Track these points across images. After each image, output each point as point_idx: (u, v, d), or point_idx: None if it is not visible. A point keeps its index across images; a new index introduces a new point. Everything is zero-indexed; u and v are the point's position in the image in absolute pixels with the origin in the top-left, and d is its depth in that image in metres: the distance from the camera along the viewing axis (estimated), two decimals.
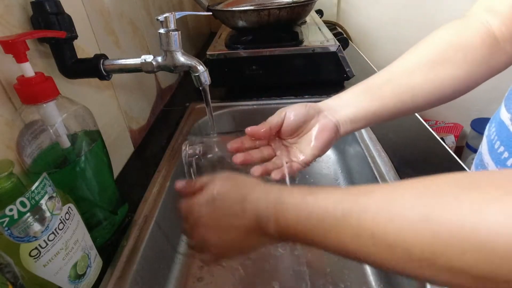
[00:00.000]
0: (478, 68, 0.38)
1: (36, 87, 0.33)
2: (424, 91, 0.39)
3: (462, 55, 0.38)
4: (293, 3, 0.74)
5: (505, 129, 0.31)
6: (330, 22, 1.34)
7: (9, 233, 0.26)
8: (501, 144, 0.31)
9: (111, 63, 0.44)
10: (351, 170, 0.66)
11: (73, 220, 0.33)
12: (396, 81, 0.40)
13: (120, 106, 0.58)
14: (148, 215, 0.47)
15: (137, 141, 0.65)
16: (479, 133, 1.53)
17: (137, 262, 0.41)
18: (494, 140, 0.32)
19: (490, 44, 0.37)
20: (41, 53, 0.40)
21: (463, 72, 0.38)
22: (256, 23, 0.74)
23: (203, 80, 0.44)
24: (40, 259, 0.29)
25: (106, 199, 0.42)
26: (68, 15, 0.40)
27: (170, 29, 0.40)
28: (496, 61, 0.38)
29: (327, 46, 0.74)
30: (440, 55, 0.39)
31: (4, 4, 0.35)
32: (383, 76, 0.41)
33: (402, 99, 0.39)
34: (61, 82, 0.43)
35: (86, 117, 0.39)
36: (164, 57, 0.43)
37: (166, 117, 0.76)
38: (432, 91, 0.39)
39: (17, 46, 0.31)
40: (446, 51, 0.39)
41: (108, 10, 0.56)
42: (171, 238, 0.53)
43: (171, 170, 0.56)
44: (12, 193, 0.28)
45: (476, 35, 0.37)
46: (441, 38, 0.40)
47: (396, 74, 0.41)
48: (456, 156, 0.54)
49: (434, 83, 0.39)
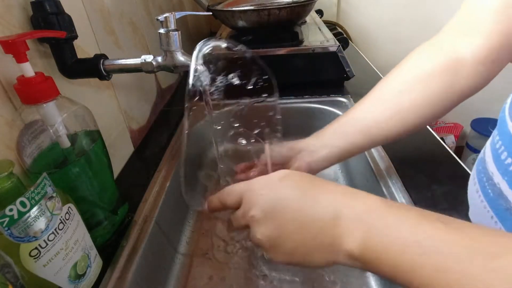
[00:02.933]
0: (440, 103, 0.40)
1: (36, 87, 0.33)
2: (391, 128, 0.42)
3: (423, 86, 0.40)
4: (293, 3, 0.74)
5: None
6: (330, 22, 1.34)
7: (9, 233, 0.26)
8: (509, 155, 0.30)
9: (111, 63, 0.44)
10: (351, 170, 0.66)
11: (73, 220, 0.33)
12: (360, 116, 0.44)
13: (120, 106, 0.58)
14: (148, 215, 0.47)
15: (137, 141, 0.65)
16: (479, 133, 1.53)
17: (137, 262, 0.41)
18: (501, 150, 0.32)
19: (455, 69, 0.39)
20: (41, 53, 0.40)
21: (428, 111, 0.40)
22: (256, 23, 0.74)
23: (203, 80, 0.44)
24: (40, 259, 0.29)
25: (106, 199, 0.42)
26: (68, 15, 0.40)
27: (170, 29, 0.40)
28: (460, 88, 0.39)
29: (327, 46, 0.74)
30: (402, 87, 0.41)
31: (4, 4, 0.35)
32: (350, 113, 0.45)
33: (371, 136, 0.43)
34: (61, 82, 0.43)
35: (86, 117, 0.39)
36: (164, 57, 0.43)
37: (166, 117, 0.76)
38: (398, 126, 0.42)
39: (17, 46, 0.31)
40: (408, 83, 0.41)
41: (108, 10, 0.56)
42: (171, 238, 0.53)
43: (171, 170, 0.56)
44: (12, 193, 0.28)
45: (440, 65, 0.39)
46: (407, 70, 0.43)
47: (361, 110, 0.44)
48: (456, 156, 0.54)
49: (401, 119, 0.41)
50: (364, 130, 0.43)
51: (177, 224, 0.57)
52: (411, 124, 0.42)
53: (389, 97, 0.42)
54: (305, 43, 0.77)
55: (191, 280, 0.50)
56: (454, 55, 0.39)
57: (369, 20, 1.44)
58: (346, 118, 0.45)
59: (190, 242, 0.57)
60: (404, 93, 0.41)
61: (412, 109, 0.41)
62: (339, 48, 0.74)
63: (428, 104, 0.40)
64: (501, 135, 0.32)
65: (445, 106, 0.40)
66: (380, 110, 0.42)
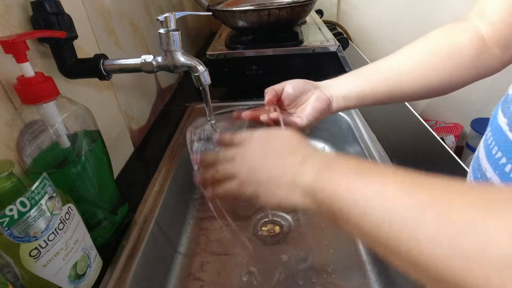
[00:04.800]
0: (465, 70, 0.41)
1: (36, 87, 0.33)
2: (411, 80, 0.43)
3: (449, 57, 0.41)
4: (293, 3, 0.74)
5: (503, 134, 0.31)
6: (330, 22, 1.34)
7: (9, 233, 0.26)
8: (499, 149, 0.31)
9: (111, 63, 0.44)
10: None
11: (73, 220, 0.33)
12: (386, 69, 0.45)
13: (120, 106, 0.58)
14: (148, 215, 0.47)
15: (137, 141, 0.65)
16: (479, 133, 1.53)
17: (137, 262, 0.41)
18: (492, 145, 0.32)
19: (478, 46, 0.40)
20: (41, 53, 0.40)
21: (449, 71, 0.41)
22: (256, 23, 0.74)
23: (203, 80, 0.44)
24: (40, 259, 0.29)
25: (106, 199, 0.42)
26: (68, 15, 0.40)
27: (170, 29, 0.40)
28: (484, 63, 0.40)
29: (327, 46, 0.74)
30: (429, 54, 0.42)
31: (4, 4, 0.35)
32: (376, 64, 0.46)
33: (389, 84, 0.43)
34: (61, 82, 0.43)
35: (86, 117, 0.39)
36: (164, 57, 0.43)
37: (166, 117, 0.76)
38: (418, 82, 0.42)
39: (17, 46, 0.31)
40: (435, 50, 0.42)
41: (108, 10, 0.56)
42: (171, 238, 0.53)
43: (171, 170, 0.56)
44: (12, 193, 0.28)
45: (466, 38, 0.40)
46: (432, 39, 0.43)
47: (387, 64, 0.45)
48: (456, 156, 0.54)
49: (421, 75, 0.42)
50: (384, 76, 0.44)
51: (177, 224, 0.57)
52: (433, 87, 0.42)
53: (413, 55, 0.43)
54: (305, 43, 0.77)
55: (191, 280, 0.50)
56: (477, 34, 0.40)
57: (369, 20, 1.43)
58: (368, 66, 0.46)
59: (190, 242, 0.57)
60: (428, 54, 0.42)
61: (435, 71, 0.41)
62: (339, 48, 0.74)
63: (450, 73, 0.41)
64: (493, 131, 0.33)
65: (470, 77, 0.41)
66: (403, 62, 0.43)
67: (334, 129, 0.72)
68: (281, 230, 0.58)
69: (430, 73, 0.42)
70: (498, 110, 0.33)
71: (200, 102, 0.77)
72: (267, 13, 0.71)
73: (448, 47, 0.41)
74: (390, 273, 0.45)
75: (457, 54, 0.40)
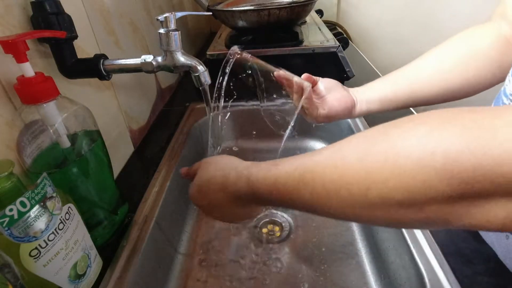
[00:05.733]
0: (488, 71, 0.41)
1: (36, 87, 0.33)
2: (431, 84, 0.44)
3: (471, 59, 0.42)
4: (293, 3, 0.74)
5: None
6: (330, 22, 1.34)
7: (9, 233, 0.26)
8: None
9: (111, 63, 0.44)
10: None
11: (73, 220, 0.33)
12: (409, 73, 0.46)
13: (120, 106, 0.58)
14: (148, 215, 0.47)
15: (137, 141, 0.65)
16: None
17: (137, 262, 0.41)
18: None
19: (501, 47, 0.40)
20: (41, 53, 0.40)
21: (471, 73, 0.42)
22: (256, 23, 0.74)
23: (203, 80, 0.44)
24: (40, 259, 0.29)
25: (106, 199, 0.42)
26: (68, 15, 0.40)
27: (170, 29, 0.40)
28: (508, 63, 0.40)
29: (327, 46, 0.74)
30: (449, 57, 0.43)
31: (4, 4, 0.35)
32: (402, 69, 0.48)
33: (413, 88, 0.45)
34: (61, 82, 0.42)
35: (86, 117, 0.39)
36: (164, 57, 0.43)
37: (166, 117, 0.76)
38: (439, 84, 0.43)
39: (17, 46, 0.31)
40: (455, 53, 0.43)
41: (108, 10, 0.56)
42: (171, 238, 0.53)
43: (171, 170, 0.56)
44: (12, 193, 0.28)
45: (487, 40, 0.41)
46: (453, 42, 0.45)
47: (411, 68, 0.47)
48: None
49: (441, 78, 0.43)
50: (410, 81, 0.45)
51: (177, 224, 0.57)
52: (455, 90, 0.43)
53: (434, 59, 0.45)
54: (305, 43, 0.77)
55: (191, 280, 0.50)
56: (500, 35, 0.41)
57: (369, 20, 1.43)
58: (395, 71, 0.48)
59: (190, 242, 0.57)
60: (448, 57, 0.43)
61: (457, 74, 0.42)
62: (339, 48, 0.74)
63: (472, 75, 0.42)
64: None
65: (496, 78, 0.42)
66: (424, 66, 0.45)
67: (334, 129, 0.72)
68: (281, 230, 0.58)
69: (451, 76, 0.42)
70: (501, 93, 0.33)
71: (200, 102, 0.77)
72: (267, 13, 0.71)
73: (469, 49, 0.42)
74: (390, 272, 0.45)
75: (478, 56, 0.41)
